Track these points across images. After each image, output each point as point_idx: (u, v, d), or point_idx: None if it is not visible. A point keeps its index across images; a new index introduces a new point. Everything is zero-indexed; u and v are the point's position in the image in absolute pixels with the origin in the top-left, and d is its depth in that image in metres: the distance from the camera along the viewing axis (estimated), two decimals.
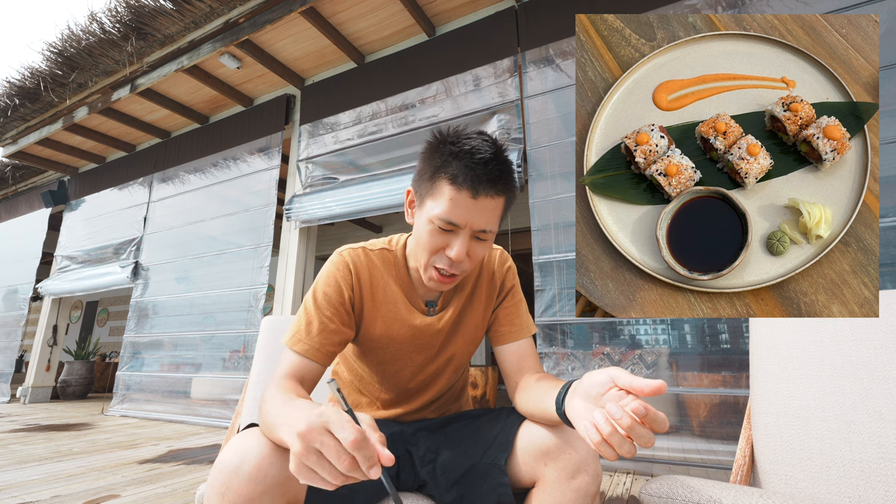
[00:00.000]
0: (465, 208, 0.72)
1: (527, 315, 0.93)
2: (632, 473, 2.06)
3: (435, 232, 0.75)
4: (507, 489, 0.70)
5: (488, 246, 0.79)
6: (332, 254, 0.88)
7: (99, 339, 7.95)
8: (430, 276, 0.78)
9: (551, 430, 0.70)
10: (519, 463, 0.72)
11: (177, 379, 3.91)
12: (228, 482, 0.58)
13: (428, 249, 0.76)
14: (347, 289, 0.83)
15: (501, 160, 0.74)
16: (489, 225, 0.74)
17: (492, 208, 0.74)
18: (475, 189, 0.71)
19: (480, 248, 0.77)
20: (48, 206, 5.52)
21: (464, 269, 0.77)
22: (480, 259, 0.79)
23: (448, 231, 0.74)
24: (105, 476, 2.03)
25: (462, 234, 0.74)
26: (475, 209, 0.72)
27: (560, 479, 0.66)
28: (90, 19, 3.41)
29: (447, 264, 0.75)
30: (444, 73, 3.06)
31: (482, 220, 0.73)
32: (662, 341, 2.74)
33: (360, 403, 0.95)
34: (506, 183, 0.75)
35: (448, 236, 0.75)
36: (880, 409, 0.80)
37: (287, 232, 3.63)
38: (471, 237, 0.75)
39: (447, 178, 0.73)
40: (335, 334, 0.80)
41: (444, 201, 0.73)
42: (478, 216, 0.73)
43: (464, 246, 0.73)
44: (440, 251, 0.76)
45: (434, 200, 0.74)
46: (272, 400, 0.63)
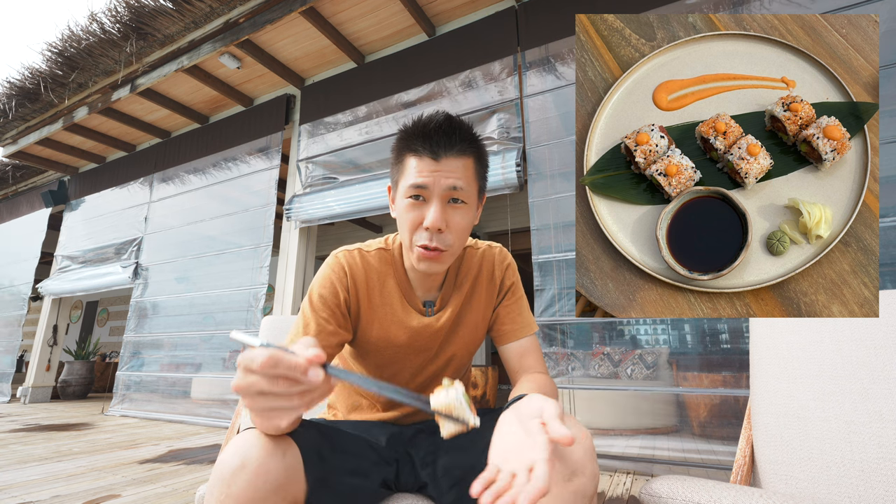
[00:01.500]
0: (429, 170, 0.74)
1: (528, 313, 0.92)
2: (632, 473, 2.06)
3: (409, 206, 0.76)
4: None
5: (468, 214, 0.78)
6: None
7: (99, 339, 7.96)
8: (417, 257, 0.77)
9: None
10: None
11: (177, 379, 3.91)
12: (230, 483, 0.58)
13: (407, 227, 0.77)
14: (343, 290, 0.83)
15: (456, 123, 0.76)
16: (459, 183, 0.75)
17: (458, 168, 0.75)
18: (434, 151, 0.74)
19: (458, 216, 0.77)
20: (48, 206, 5.52)
21: (447, 242, 0.76)
22: (463, 230, 0.78)
23: (420, 200, 0.75)
24: (105, 476, 2.03)
25: (434, 201, 0.74)
26: (440, 170, 0.74)
27: (556, 481, 0.66)
28: (90, 19, 3.41)
29: (427, 238, 0.75)
30: (443, 72, 3.06)
31: (449, 180, 0.74)
32: (662, 341, 2.74)
33: (360, 405, 0.94)
34: (464, 140, 0.76)
35: (422, 206, 0.75)
36: (880, 409, 0.80)
37: (287, 232, 3.63)
38: (444, 202, 0.75)
39: (409, 153, 0.76)
40: (333, 336, 0.80)
41: (410, 172, 0.75)
42: (443, 176, 0.74)
43: (438, 212, 0.74)
44: (418, 226, 0.76)
45: (403, 177, 0.77)
46: None
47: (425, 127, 0.75)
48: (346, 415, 0.96)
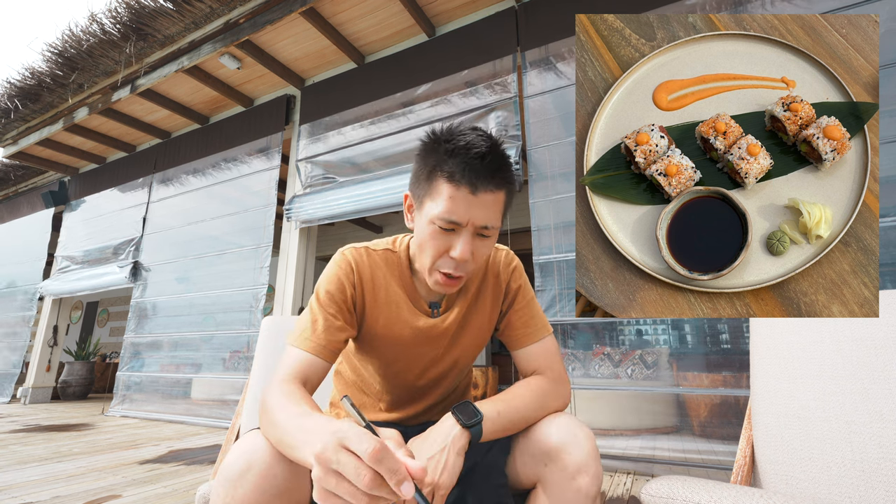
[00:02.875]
0: (466, 205, 0.70)
1: (540, 316, 0.91)
2: (632, 474, 2.06)
3: (437, 233, 0.73)
4: (506, 490, 0.70)
5: (491, 244, 0.77)
6: (332, 254, 0.88)
7: (99, 340, 7.95)
8: (435, 280, 0.77)
9: (550, 432, 0.70)
10: (519, 464, 0.72)
11: (177, 379, 3.91)
12: (235, 486, 0.57)
13: (431, 253, 0.74)
14: (349, 286, 0.83)
15: (498, 153, 0.72)
16: (491, 221, 0.72)
17: (492, 203, 0.72)
18: (474, 185, 0.69)
19: (484, 247, 0.76)
20: (48, 206, 5.52)
21: (469, 269, 0.76)
22: (485, 258, 0.78)
23: (450, 231, 0.73)
24: (105, 476, 2.03)
25: (464, 233, 0.72)
26: (475, 205, 0.70)
27: (560, 481, 0.66)
28: (90, 20, 3.41)
29: (452, 267, 0.74)
30: (443, 73, 3.06)
31: (483, 216, 0.71)
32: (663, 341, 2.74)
33: (363, 404, 0.94)
34: (504, 176, 0.73)
35: (450, 236, 0.73)
36: (881, 409, 0.80)
37: (287, 232, 3.63)
38: (473, 235, 0.73)
39: (444, 177, 0.71)
40: (340, 331, 0.80)
41: (443, 200, 0.71)
42: (479, 212, 0.71)
43: (467, 245, 0.71)
44: (444, 253, 0.74)
45: (433, 201, 0.72)
46: (282, 410, 0.60)
47: (466, 153, 0.70)
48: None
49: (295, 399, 0.64)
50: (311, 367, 0.75)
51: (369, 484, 0.41)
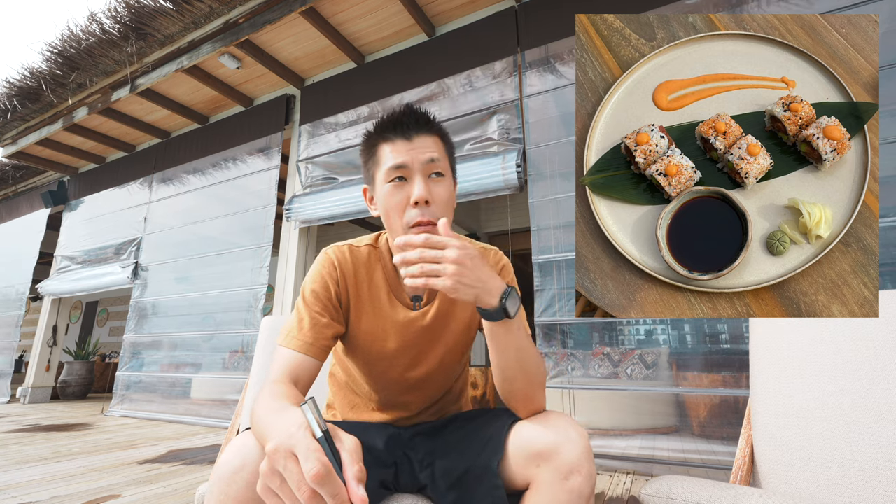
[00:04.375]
0: (406, 149, 0.78)
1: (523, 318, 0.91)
2: (632, 473, 2.06)
3: (393, 190, 0.78)
4: (501, 492, 0.70)
5: (448, 187, 0.81)
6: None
7: (99, 340, 7.95)
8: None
9: (542, 432, 0.69)
10: (512, 465, 0.71)
11: (177, 379, 3.91)
12: (229, 483, 0.58)
13: (395, 211, 0.78)
14: (333, 284, 0.84)
15: (421, 111, 0.81)
16: (434, 154, 0.79)
17: (431, 144, 0.79)
18: (406, 133, 0.78)
19: (440, 188, 0.79)
20: (48, 206, 5.52)
21: (435, 213, 0.77)
22: (446, 202, 0.80)
23: (402, 180, 0.78)
24: (105, 476, 2.03)
25: (416, 177, 0.77)
26: (415, 148, 0.78)
27: (553, 481, 0.66)
28: (90, 20, 3.41)
29: (418, 214, 0.76)
30: (443, 73, 3.06)
31: (425, 154, 0.78)
32: (662, 341, 2.74)
33: (355, 404, 0.94)
34: (432, 123, 0.81)
35: (405, 186, 0.78)
36: (880, 409, 0.80)
37: (287, 232, 3.63)
38: (425, 178, 0.78)
39: (381, 142, 0.81)
40: (327, 328, 0.81)
41: (386, 158, 0.79)
42: (419, 153, 0.78)
43: (422, 185, 0.76)
44: (405, 206, 0.77)
45: (380, 166, 0.80)
46: (264, 407, 0.62)
47: (391, 117, 0.80)
48: (345, 414, 0.95)
49: (277, 396, 0.65)
50: (300, 365, 0.76)
51: (308, 500, 0.43)
